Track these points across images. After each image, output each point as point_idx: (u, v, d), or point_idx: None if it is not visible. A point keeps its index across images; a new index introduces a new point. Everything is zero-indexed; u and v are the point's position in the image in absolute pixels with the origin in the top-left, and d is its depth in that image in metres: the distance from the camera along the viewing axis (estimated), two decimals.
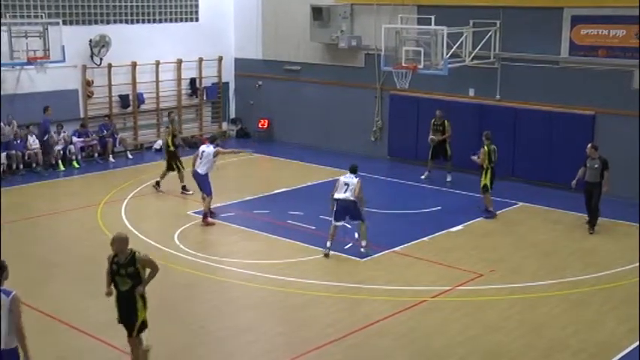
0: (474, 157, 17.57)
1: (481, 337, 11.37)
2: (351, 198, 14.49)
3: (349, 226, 15.36)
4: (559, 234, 16.41)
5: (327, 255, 14.63)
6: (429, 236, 16.01)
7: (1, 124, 21.29)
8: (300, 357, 10.72)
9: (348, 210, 14.64)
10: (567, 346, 11.08)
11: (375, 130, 23.88)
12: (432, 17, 19.99)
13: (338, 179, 15.00)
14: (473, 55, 20.60)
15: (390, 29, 20.55)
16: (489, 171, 17.34)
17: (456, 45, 19.81)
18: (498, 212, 17.89)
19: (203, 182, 17.12)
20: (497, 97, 21.18)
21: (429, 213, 17.97)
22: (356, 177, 14.77)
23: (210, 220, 16.82)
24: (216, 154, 17.21)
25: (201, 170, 17.13)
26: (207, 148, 17.40)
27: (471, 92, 21.73)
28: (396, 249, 15.15)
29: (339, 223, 14.80)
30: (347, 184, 14.65)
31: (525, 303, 12.66)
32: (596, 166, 16.05)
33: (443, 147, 20.84)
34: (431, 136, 20.85)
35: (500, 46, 20.84)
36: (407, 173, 21.77)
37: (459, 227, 16.66)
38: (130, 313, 9.68)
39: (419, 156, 22.69)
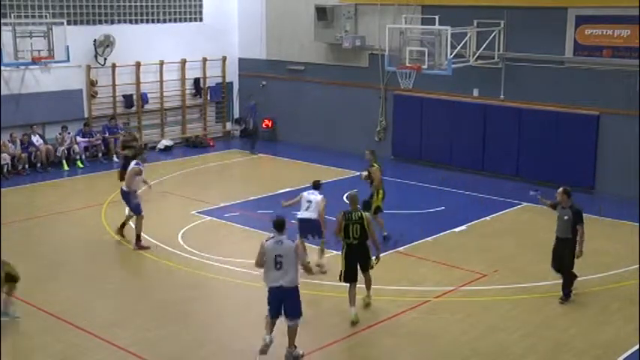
0: (364, 174, 15.68)
1: (485, 337, 11.36)
2: (315, 217, 13.55)
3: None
4: None
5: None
6: (433, 236, 16.00)
7: (6, 140, 21.51)
8: (305, 356, 10.72)
9: (311, 228, 13.71)
10: (571, 346, 11.06)
11: (379, 130, 23.87)
12: (436, 17, 19.98)
13: (301, 195, 13.89)
14: (477, 55, 20.59)
15: (394, 29, 20.54)
16: (381, 191, 15.41)
17: (460, 45, 19.80)
18: (503, 212, 17.90)
19: (127, 201, 15.57)
20: (502, 97, 21.16)
21: (432, 213, 17.96)
22: (320, 193, 13.80)
23: (143, 244, 15.22)
24: (134, 172, 15.51)
25: (124, 187, 15.63)
26: (131, 164, 15.94)
27: (475, 92, 21.71)
28: (400, 249, 15.14)
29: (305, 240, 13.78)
30: (309, 202, 13.64)
31: (529, 303, 12.64)
32: (566, 217, 12.35)
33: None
34: (122, 152, 19.72)
35: (505, 46, 20.83)
36: (411, 173, 21.76)
37: (463, 227, 16.65)
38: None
39: (423, 156, 22.73)
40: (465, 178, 21.05)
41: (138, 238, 15.28)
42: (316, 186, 14.09)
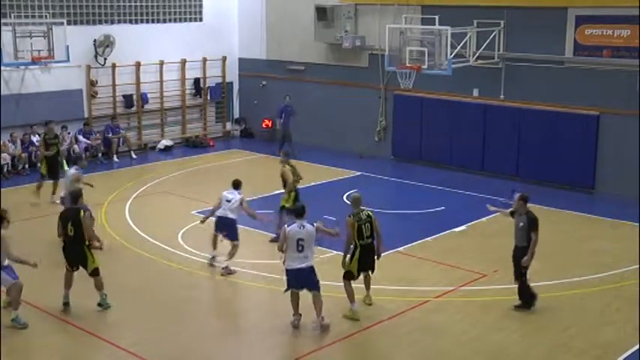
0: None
1: (485, 337, 11.36)
2: (232, 216, 13.98)
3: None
4: (563, 234, 16.38)
5: (211, 264, 14.22)
6: (433, 236, 16.00)
7: (6, 140, 21.57)
8: (305, 357, 10.73)
9: (225, 227, 14.06)
10: (571, 347, 11.06)
11: (379, 130, 23.88)
12: (436, 17, 19.98)
13: (221, 195, 14.22)
14: (477, 55, 20.59)
15: (394, 29, 20.54)
16: (293, 193, 15.69)
17: (460, 45, 19.80)
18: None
19: None
20: (502, 97, 21.16)
21: (432, 213, 17.96)
22: (239, 193, 14.15)
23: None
24: (76, 179, 15.33)
25: (63, 194, 15.51)
26: (69, 170, 15.80)
27: (475, 92, 21.72)
28: (400, 249, 15.13)
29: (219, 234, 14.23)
30: (228, 201, 14.01)
31: None
32: (521, 224, 11.97)
33: (57, 161, 18.75)
34: (45, 153, 18.55)
35: (505, 46, 20.84)
36: (411, 173, 21.78)
37: (463, 227, 16.65)
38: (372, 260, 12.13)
39: (423, 156, 22.74)
40: (464, 178, 21.05)
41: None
42: (235, 185, 14.30)
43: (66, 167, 22.24)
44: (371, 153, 23.75)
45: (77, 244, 12.12)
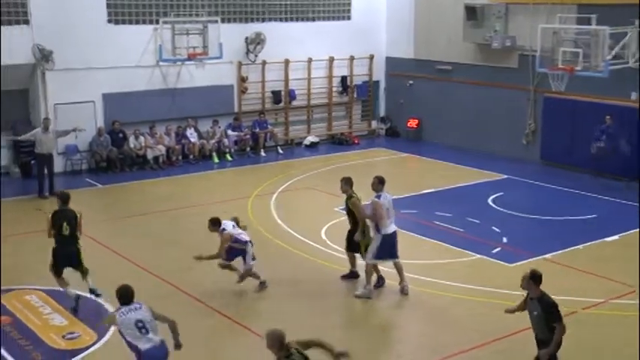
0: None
1: (636, 356, 10.73)
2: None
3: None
4: None
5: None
6: (583, 244, 15.34)
7: (162, 133, 22.70)
8: (444, 359, 10.57)
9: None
10: None
11: (528, 132, 23.18)
12: (593, 17, 19.15)
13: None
14: (638, 56, 19.53)
15: (547, 29, 19.86)
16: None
17: (619, 46, 18.87)
18: None
19: None
20: None
21: (583, 220, 17.23)
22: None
23: None
24: None
25: None
26: None
27: (633, 96, 20.61)
28: (547, 256, 14.63)
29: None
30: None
31: None
32: (535, 312, 9.21)
33: None
34: None
35: None
36: (560, 178, 20.98)
37: (615, 237, 15.85)
38: None
39: (574, 161, 21.82)
40: (619, 186, 20.05)
41: None
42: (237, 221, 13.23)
43: (216, 159, 23.25)
44: (518, 156, 23.11)
45: (71, 244, 12.22)
